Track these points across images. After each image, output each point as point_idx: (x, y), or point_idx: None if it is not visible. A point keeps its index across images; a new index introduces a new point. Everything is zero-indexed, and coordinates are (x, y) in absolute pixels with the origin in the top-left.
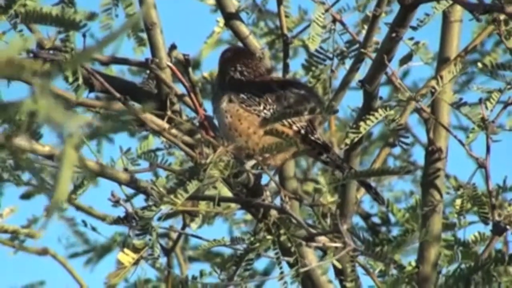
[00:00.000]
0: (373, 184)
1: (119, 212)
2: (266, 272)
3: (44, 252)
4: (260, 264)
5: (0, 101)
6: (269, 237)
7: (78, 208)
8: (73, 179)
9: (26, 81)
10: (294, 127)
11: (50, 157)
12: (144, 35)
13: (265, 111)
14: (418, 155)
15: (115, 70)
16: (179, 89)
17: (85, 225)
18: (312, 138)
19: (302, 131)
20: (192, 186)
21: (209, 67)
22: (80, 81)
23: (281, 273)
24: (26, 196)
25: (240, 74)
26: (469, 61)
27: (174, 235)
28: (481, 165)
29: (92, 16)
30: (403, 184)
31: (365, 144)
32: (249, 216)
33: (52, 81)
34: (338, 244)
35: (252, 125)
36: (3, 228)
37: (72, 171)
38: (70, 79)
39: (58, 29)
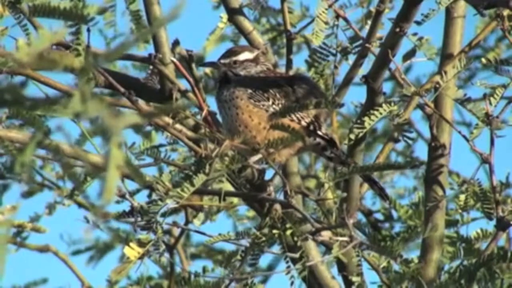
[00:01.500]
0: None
1: (122, 208)
2: (270, 268)
3: (45, 249)
4: (263, 260)
5: (31, 97)
6: (275, 231)
7: (80, 205)
8: (78, 175)
9: (34, 77)
10: (303, 122)
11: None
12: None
13: (274, 106)
14: (421, 150)
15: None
16: (183, 84)
17: (87, 221)
18: (320, 133)
19: (311, 127)
20: (198, 180)
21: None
22: (91, 75)
23: (288, 267)
24: (28, 194)
25: (260, 70)
26: (472, 57)
27: (176, 232)
28: (485, 161)
29: (102, 11)
30: (406, 180)
31: (368, 140)
32: (252, 212)
33: (90, 80)
34: (344, 238)
35: (263, 121)
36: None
37: (118, 170)
38: None
39: (66, 24)
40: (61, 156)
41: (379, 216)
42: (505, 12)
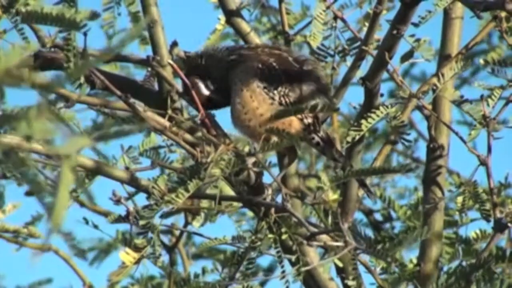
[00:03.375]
0: (376, 180)
1: (123, 209)
2: (270, 269)
3: (47, 248)
4: (264, 261)
5: (5, 113)
6: (270, 235)
7: (82, 205)
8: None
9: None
10: (304, 119)
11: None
12: (146, 33)
13: (275, 91)
14: (423, 151)
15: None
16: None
17: (87, 222)
18: (317, 132)
19: (306, 121)
20: (193, 185)
21: None
22: (82, 80)
23: (283, 272)
24: (30, 193)
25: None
26: (476, 52)
27: (177, 232)
28: (483, 163)
29: (93, 16)
30: (407, 180)
31: (369, 140)
32: (252, 213)
33: (51, 95)
34: (339, 243)
35: (261, 107)
36: (4, 227)
37: (69, 193)
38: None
39: (58, 30)
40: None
41: (378, 217)
42: (503, 13)
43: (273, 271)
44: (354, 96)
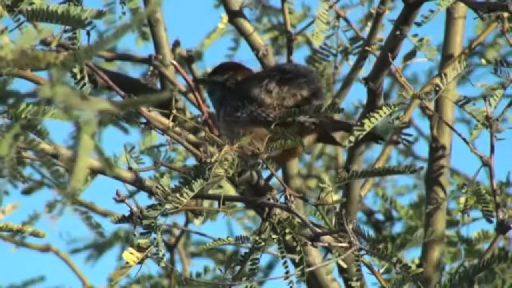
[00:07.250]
0: (376, 180)
1: (122, 208)
2: (270, 266)
3: (46, 248)
4: (263, 259)
5: (14, 92)
6: (274, 236)
7: (80, 204)
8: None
9: (29, 78)
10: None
11: (55, 156)
12: (147, 29)
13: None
14: (422, 149)
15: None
16: (183, 85)
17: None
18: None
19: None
20: (198, 185)
21: (212, 62)
22: (86, 79)
23: (286, 272)
24: (27, 192)
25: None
26: (472, 60)
27: (176, 231)
28: (486, 164)
29: (99, 14)
30: (407, 179)
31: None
32: (252, 212)
33: (68, 71)
34: (344, 244)
35: (260, 132)
36: (8, 226)
37: (88, 159)
38: (78, 76)
39: (64, 27)
40: (43, 155)
41: (379, 216)
42: (505, 14)
43: (273, 269)
44: (356, 95)
